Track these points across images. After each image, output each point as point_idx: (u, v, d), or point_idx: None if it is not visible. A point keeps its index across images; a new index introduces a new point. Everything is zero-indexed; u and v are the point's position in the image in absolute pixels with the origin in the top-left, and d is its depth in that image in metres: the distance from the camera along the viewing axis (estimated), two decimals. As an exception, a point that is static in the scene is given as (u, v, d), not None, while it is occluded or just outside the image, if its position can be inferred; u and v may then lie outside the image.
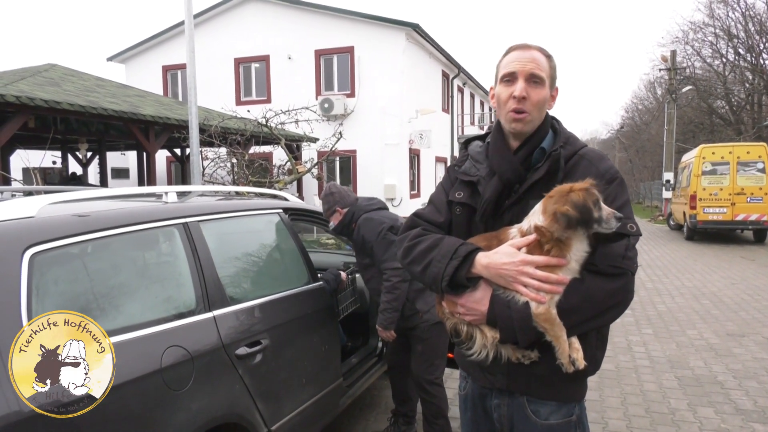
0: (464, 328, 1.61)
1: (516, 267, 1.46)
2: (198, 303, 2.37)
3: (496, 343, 1.55)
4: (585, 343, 1.55)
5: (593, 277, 1.49)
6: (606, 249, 1.49)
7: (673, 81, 24.21)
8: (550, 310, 1.45)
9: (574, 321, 1.49)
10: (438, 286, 1.57)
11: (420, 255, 1.64)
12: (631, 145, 45.70)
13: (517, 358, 1.58)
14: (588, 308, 1.49)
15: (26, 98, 8.09)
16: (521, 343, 1.51)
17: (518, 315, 1.48)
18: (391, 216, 3.44)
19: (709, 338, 6.07)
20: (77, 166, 15.95)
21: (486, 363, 1.60)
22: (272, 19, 17.96)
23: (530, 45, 1.63)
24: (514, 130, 1.62)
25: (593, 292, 1.48)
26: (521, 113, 1.58)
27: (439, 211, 1.75)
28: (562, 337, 1.47)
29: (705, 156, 14.78)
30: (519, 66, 1.59)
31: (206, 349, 2.29)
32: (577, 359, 1.51)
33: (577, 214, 1.41)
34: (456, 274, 1.53)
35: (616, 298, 1.51)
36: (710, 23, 27.00)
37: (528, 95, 1.57)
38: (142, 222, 2.29)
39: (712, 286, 9.05)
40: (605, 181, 1.55)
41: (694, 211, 14.63)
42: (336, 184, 3.59)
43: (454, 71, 22.42)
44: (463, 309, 1.57)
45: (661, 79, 31.86)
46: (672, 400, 4.36)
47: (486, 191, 1.63)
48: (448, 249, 1.57)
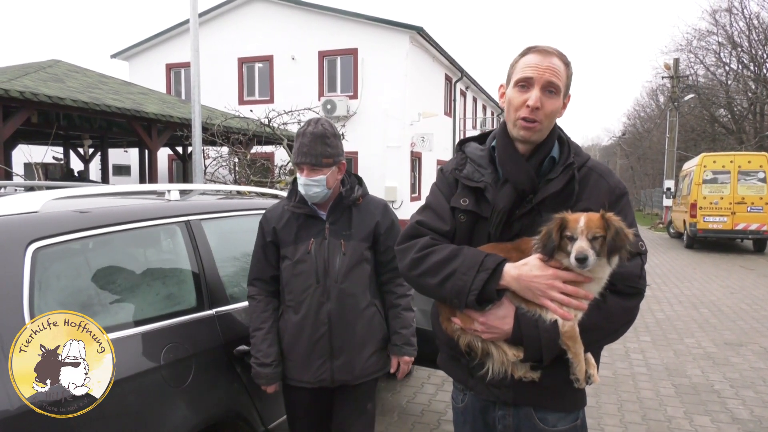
0: (479, 344, 1.56)
1: (546, 281, 1.43)
2: (199, 301, 2.39)
3: (516, 361, 1.52)
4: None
5: (612, 296, 1.49)
6: (623, 269, 1.48)
7: (676, 89, 24.23)
8: (575, 327, 1.46)
9: (594, 338, 1.50)
10: (463, 299, 1.48)
11: (435, 266, 1.53)
12: (632, 152, 45.72)
13: (519, 377, 1.55)
14: (607, 326, 1.51)
15: (30, 93, 8.11)
16: (545, 361, 1.49)
17: (547, 335, 1.45)
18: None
19: (707, 347, 6.07)
20: (79, 162, 15.95)
21: (497, 379, 1.56)
22: (276, 20, 18.00)
23: (550, 50, 1.56)
24: (521, 137, 1.57)
25: (613, 310, 1.50)
26: (533, 122, 1.53)
27: (442, 218, 1.64)
28: (581, 354, 1.49)
29: (706, 164, 14.80)
30: (537, 73, 1.52)
31: (206, 347, 2.31)
32: (593, 375, 1.54)
33: (541, 240, 1.46)
34: (485, 288, 1.46)
35: (630, 316, 1.55)
36: (714, 32, 27.08)
37: (542, 105, 1.52)
38: (145, 219, 2.31)
39: (711, 295, 9.05)
40: (615, 197, 1.56)
41: (695, 220, 14.65)
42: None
43: (457, 75, 22.44)
44: (483, 327, 1.51)
45: (663, 86, 31.88)
46: (669, 407, 4.37)
47: (499, 200, 1.57)
48: (473, 260, 1.49)
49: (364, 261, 2.35)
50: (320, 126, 2.28)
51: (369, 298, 2.38)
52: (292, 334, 2.31)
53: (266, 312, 2.35)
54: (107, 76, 13.34)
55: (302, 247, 2.30)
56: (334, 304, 2.28)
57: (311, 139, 2.25)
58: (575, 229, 1.41)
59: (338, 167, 2.33)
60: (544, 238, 1.45)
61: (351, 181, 2.44)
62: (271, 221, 2.39)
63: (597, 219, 1.42)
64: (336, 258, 2.29)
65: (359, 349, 2.33)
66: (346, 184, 2.41)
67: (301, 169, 2.28)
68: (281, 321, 2.37)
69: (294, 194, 2.39)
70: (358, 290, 2.33)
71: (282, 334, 2.35)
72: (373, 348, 2.37)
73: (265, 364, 2.30)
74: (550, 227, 1.44)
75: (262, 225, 2.42)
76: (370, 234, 2.37)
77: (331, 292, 2.28)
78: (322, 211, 2.36)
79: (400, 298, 2.44)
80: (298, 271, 2.29)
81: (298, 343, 2.31)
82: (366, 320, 2.35)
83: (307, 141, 2.25)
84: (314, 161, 2.25)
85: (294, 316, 2.31)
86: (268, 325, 2.32)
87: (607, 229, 1.41)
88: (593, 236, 1.40)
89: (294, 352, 2.32)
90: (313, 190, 2.27)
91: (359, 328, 2.33)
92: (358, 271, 2.33)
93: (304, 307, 2.29)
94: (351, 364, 2.31)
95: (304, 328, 2.29)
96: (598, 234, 1.41)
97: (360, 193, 2.40)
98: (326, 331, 2.28)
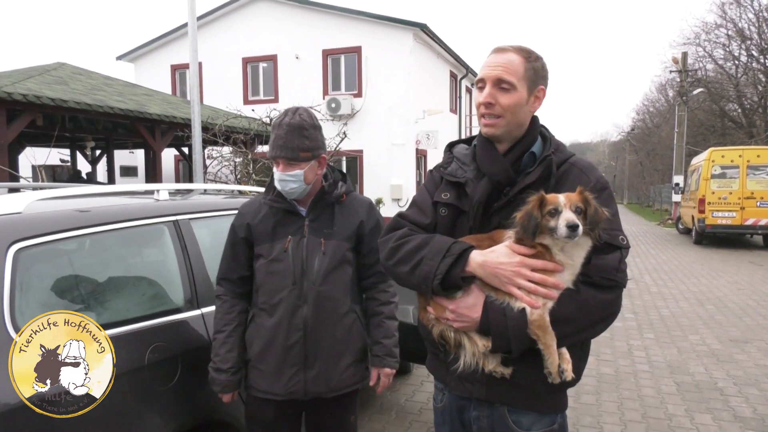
0: (452, 335, 1.56)
1: (513, 267, 1.44)
2: (186, 301, 2.38)
3: (487, 353, 1.51)
4: (569, 353, 1.53)
5: (587, 288, 1.48)
6: (600, 261, 1.48)
7: (684, 83, 24.01)
8: (544, 316, 1.44)
9: (567, 331, 1.47)
10: (429, 285, 1.50)
11: (408, 254, 1.57)
12: (641, 147, 45.38)
13: (490, 371, 1.53)
14: (581, 319, 1.48)
15: (33, 96, 8.17)
16: (514, 351, 1.47)
17: (514, 323, 1.44)
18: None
19: (712, 344, 6.00)
20: (86, 164, 16.07)
21: (470, 373, 1.56)
22: (280, 19, 18.02)
23: (507, 47, 1.59)
24: (485, 134, 1.62)
25: (588, 302, 1.47)
26: (492, 118, 1.58)
27: (423, 212, 1.70)
28: (553, 346, 1.46)
29: (714, 159, 14.62)
30: (487, 72, 1.57)
31: (193, 347, 2.30)
32: (566, 370, 1.49)
33: (523, 221, 1.45)
34: (449, 273, 1.47)
35: (608, 311, 1.51)
36: (722, 24, 26.77)
37: (496, 100, 1.55)
38: (131, 219, 2.30)
39: (718, 291, 8.96)
40: (596, 189, 1.54)
41: (703, 215, 14.49)
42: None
43: (462, 72, 22.37)
44: (453, 315, 1.52)
45: (672, 81, 31.65)
46: (669, 405, 4.32)
47: (475, 193, 1.60)
48: (440, 247, 1.52)
49: (345, 262, 2.19)
50: (298, 117, 2.11)
51: (349, 304, 2.21)
52: (265, 339, 2.13)
53: (230, 314, 2.20)
54: (112, 78, 13.41)
55: (279, 245, 2.14)
56: (310, 308, 2.11)
57: (287, 131, 2.08)
58: (557, 203, 1.43)
59: (318, 161, 2.17)
60: (524, 219, 1.44)
61: (335, 176, 2.28)
62: (245, 216, 2.22)
63: (576, 194, 1.46)
64: (315, 258, 2.13)
65: (336, 359, 2.15)
66: (328, 179, 2.25)
67: (277, 164, 2.12)
68: (252, 325, 2.20)
69: (272, 188, 2.22)
70: (337, 294, 2.16)
71: (252, 340, 2.18)
72: (351, 358, 2.20)
73: (221, 370, 2.14)
74: (528, 207, 1.45)
75: (234, 221, 2.26)
76: (354, 234, 2.22)
77: (308, 294, 2.11)
78: (302, 207, 2.20)
79: (383, 305, 2.29)
80: (274, 271, 2.13)
81: (271, 350, 2.12)
82: (345, 327, 2.18)
83: (282, 133, 2.08)
84: (290, 155, 2.08)
85: (268, 319, 2.13)
86: (230, 328, 2.17)
87: (586, 204, 1.44)
88: (576, 208, 1.43)
89: (265, 359, 2.13)
90: (290, 185, 2.11)
91: (337, 335, 2.16)
92: (338, 273, 2.17)
93: (279, 310, 2.11)
94: (326, 375, 2.13)
95: (278, 334, 2.11)
96: (580, 207, 1.43)
97: (344, 189, 2.25)
98: (301, 337, 2.10)
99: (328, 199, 2.22)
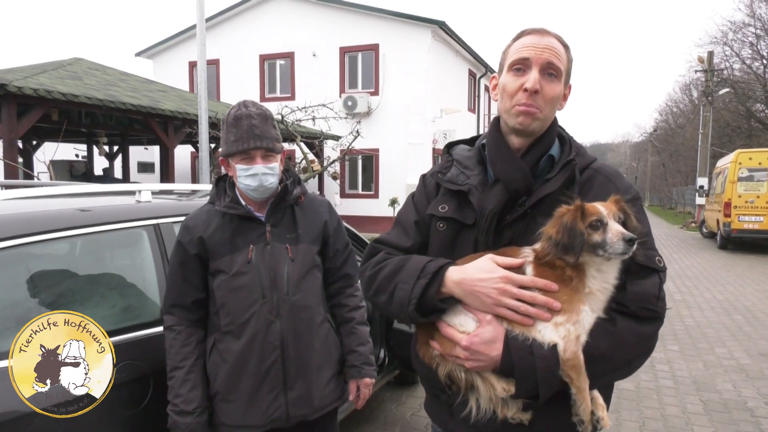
0: (462, 375, 1.30)
1: (495, 285, 1.21)
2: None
3: (506, 398, 1.25)
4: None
5: (624, 319, 1.25)
6: (637, 288, 1.26)
7: (710, 83, 23.37)
8: (578, 354, 1.19)
9: (601, 370, 1.24)
10: (405, 313, 1.29)
11: (384, 281, 1.37)
12: (664, 148, 44.49)
13: (505, 416, 1.28)
14: (618, 356, 1.25)
15: (44, 91, 8.10)
16: (542, 397, 1.22)
17: (543, 363, 1.20)
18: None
19: (740, 358, 5.66)
20: (104, 160, 16.10)
21: (485, 422, 1.29)
22: (297, 16, 17.94)
23: (547, 30, 1.36)
24: (519, 125, 1.34)
25: (625, 337, 1.24)
26: (532, 107, 1.32)
27: (406, 233, 1.48)
28: (586, 389, 1.22)
29: (741, 161, 14.14)
30: (534, 53, 1.31)
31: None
32: (603, 417, 1.25)
33: (563, 238, 1.18)
34: (424, 295, 1.26)
35: (647, 346, 1.29)
36: (751, 23, 25.97)
37: (542, 89, 1.31)
38: (105, 223, 2.10)
39: (746, 300, 8.56)
40: (627, 201, 1.31)
41: (729, 219, 14.02)
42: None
43: (481, 70, 22.03)
44: (467, 353, 1.25)
45: (697, 80, 30.81)
46: (696, 427, 4.02)
47: (487, 202, 1.35)
48: (415, 267, 1.31)
49: (315, 267, 2.00)
50: (259, 107, 1.91)
51: (323, 312, 2.03)
52: (234, 365, 1.87)
53: (187, 346, 1.88)
54: (128, 73, 13.40)
55: (240, 257, 1.87)
56: (286, 322, 1.89)
57: (261, 121, 1.87)
58: (600, 214, 1.20)
59: (282, 156, 1.98)
60: (564, 234, 1.19)
61: (291, 174, 2.05)
62: (194, 230, 1.92)
63: (612, 203, 1.25)
64: (283, 266, 1.90)
65: (317, 375, 1.95)
66: (288, 177, 2.03)
67: (252, 157, 1.86)
68: (215, 353, 1.91)
69: (222, 194, 1.96)
70: (311, 302, 1.96)
71: (216, 370, 1.90)
72: (331, 372, 2.02)
73: (186, 412, 1.83)
74: (566, 219, 1.20)
75: (180, 237, 1.94)
76: (320, 235, 2.02)
77: (281, 307, 1.89)
78: (258, 213, 1.96)
79: (353, 310, 2.11)
80: (238, 286, 1.86)
81: (242, 376, 1.87)
82: (321, 338, 1.98)
83: (257, 122, 1.86)
84: (269, 145, 1.86)
85: (235, 343, 1.87)
86: (189, 362, 1.87)
87: (626, 216, 1.24)
88: (618, 219, 1.21)
89: (237, 388, 1.88)
90: (269, 180, 1.88)
91: (316, 347, 1.96)
92: (309, 280, 1.96)
93: (248, 329, 1.86)
94: (309, 395, 1.93)
95: (250, 356, 1.87)
96: (621, 218, 1.21)
97: (301, 190, 2.03)
98: (278, 356, 1.88)
99: (288, 201, 1.98)
